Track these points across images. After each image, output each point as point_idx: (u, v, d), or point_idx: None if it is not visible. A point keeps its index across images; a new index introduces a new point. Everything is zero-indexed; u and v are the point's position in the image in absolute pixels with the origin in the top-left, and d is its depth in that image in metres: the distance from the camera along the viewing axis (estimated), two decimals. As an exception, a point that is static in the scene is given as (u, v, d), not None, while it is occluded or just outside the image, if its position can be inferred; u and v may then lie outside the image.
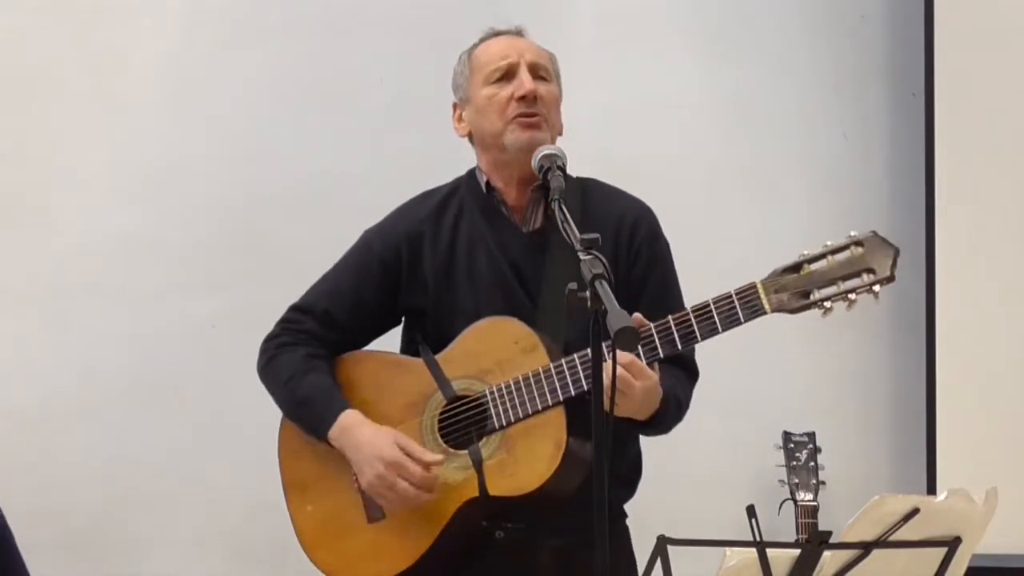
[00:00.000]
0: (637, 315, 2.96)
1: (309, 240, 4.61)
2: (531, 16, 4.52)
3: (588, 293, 2.59)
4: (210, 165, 4.70)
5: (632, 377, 2.96)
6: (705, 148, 4.88)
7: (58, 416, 4.57)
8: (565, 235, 2.87)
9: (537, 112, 3.19)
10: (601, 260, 2.65)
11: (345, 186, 4.70)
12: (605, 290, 2.58)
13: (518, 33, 3.33)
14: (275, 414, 3.36)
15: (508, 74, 3.22)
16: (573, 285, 2.62)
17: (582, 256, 2.67)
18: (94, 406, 4.59)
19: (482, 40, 3.34)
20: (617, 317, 2.51)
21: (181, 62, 4.71)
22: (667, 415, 3.12)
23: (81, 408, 4.59)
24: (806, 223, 4.88)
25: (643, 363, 2.99)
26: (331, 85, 4.75)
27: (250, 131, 4.71)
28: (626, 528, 3.31)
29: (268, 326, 3.42)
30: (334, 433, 3.20)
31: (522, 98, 3.19)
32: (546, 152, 3.12)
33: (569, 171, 3.16)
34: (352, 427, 3.20)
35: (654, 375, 3.01)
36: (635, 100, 4.80)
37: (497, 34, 3.33)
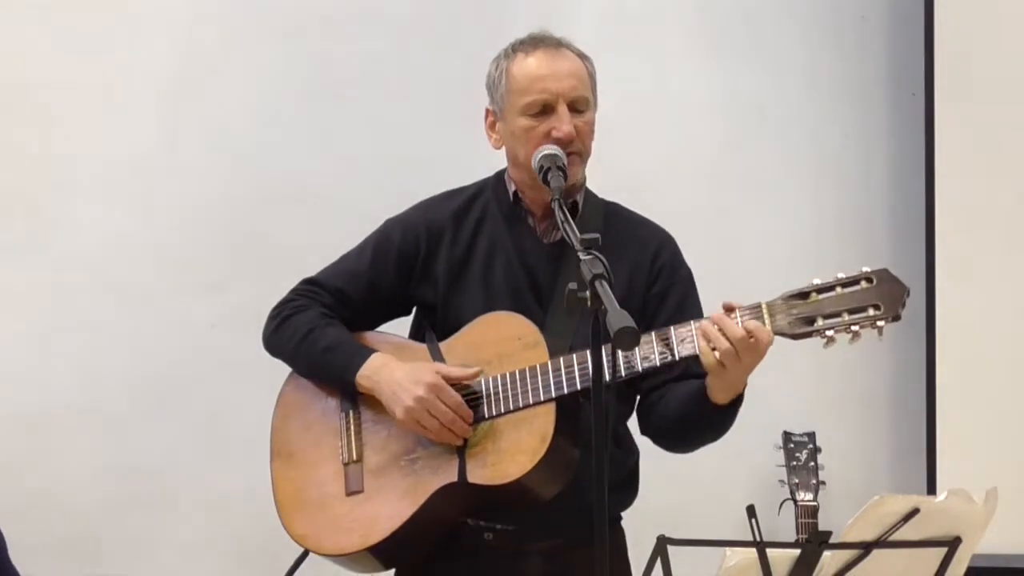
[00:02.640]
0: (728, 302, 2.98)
1: (309, 240, 4.61)
2: (532, 17, 4.53)
3: (588, 293, 2.59)
4: (210, 165, 4.70)
5: (752, 345, 2.93)
6: (705, 148, 4.88)
7: (58, 416, 4.57)
8: (565, 234, 2.87)
9: (573, 151, 3.17)
10: (601, 260, 2.65)
11: (345, 186, 4.70)
12: (605, 290, 2.58)
13: (559, 45, 3.25)
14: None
15: (546, 109, 3.17)
16: (573, 285, 2.62)
17: (582, 256, 2.68)
18: (94, 406, 4.59)
19: (520, 48, 3.25)
20: (617, 317, 2.51)
21: (181, 62, 4.71)
22: (739, 404, 3.09)
23: (81, 408, 4.59)
24: (807, 223, 4.89)
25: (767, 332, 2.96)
26: (331, 85, 4.75)
27: (250, 131, 4.71)
28: (621, 530, 3.30)
29: (268, 326, 3.42)
30: (365, 372, 3.20)
31: (559, 139, 3.17)
32: (546, 152, 3.12)
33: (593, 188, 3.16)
34: (386, 365, 3.19)
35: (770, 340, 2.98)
36: (636, 100, 4.80)
37: (536, 43, 3.24)
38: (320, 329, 3.28)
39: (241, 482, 4.52)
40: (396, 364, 3.19)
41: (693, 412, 3.10)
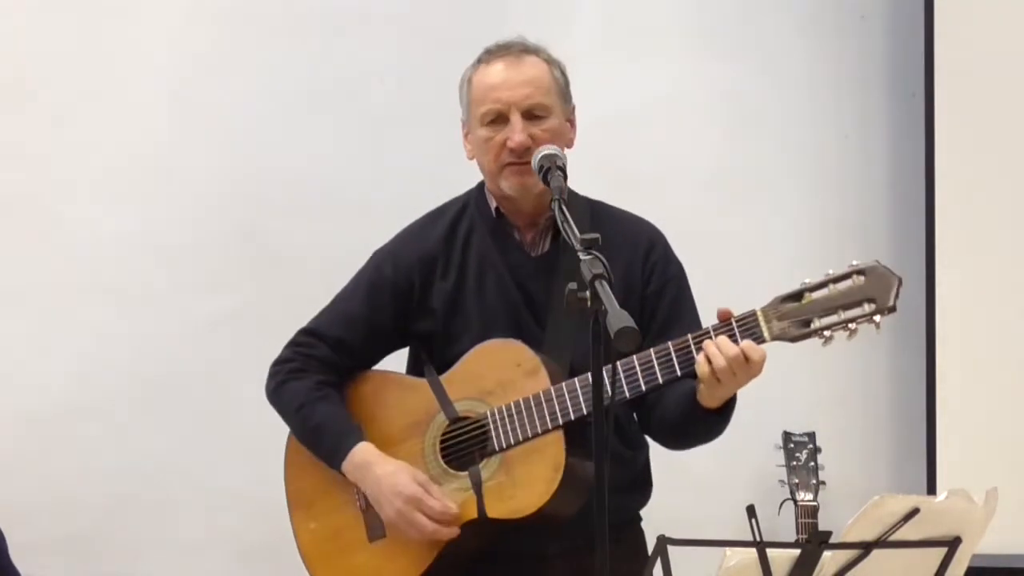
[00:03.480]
0: (723, 310, 2.99)
1: (309, 241, 4.61)
2: (532, 17, 4.54)
3: (588, 293, 2.59)
4: (210, 165, 4.70)
5: (744, 360, 2.94)
6: (705, 148, 4.88)
7: (58, 416, 4.57)
8: (565, 234, 2.86)
9: (526, 160, 3.14)
10: (601, 260, 2.64)
11: (345, 186, 4.70)
12: (605, 290, 2.57)
13: (523, 52, 3.23)
14: (276, 416, 3.36)
15: (500, 118, 3.17)
16: (573, 285, 2.61)
17: (582, 256, 2.67)
18: (94, 406, 4.59)
19: (484, 57, 3.25)
20: (617, 317, 2.50)
21: (181, 62, 4.71)
22: (733, 407, 3.10)
23: (81, 408, 4.59)
24: (806, 223, 4.89)
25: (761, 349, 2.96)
26: (331, 85, 4.75)
27: (250, 131, 4.71)
28: (640, 531, 3.31)
29: (268, 327, 3.42)
30: (347, 468, 3.21)
31: (512, 149, 3.16)
32: (546, 152, 3.10)
33: (571, 183, 3.15)
34: (367, 464, 3.20)
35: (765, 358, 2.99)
36: (635, 101, 4.80)
37: (500, 52, 3.23)
38: (310, 406, 3.27)
39: (241, 482, 4.52)
40: (375, 465, 3.19)
41: (688, 416, 3.11)
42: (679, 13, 4.90)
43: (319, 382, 3.29)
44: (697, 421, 3.10)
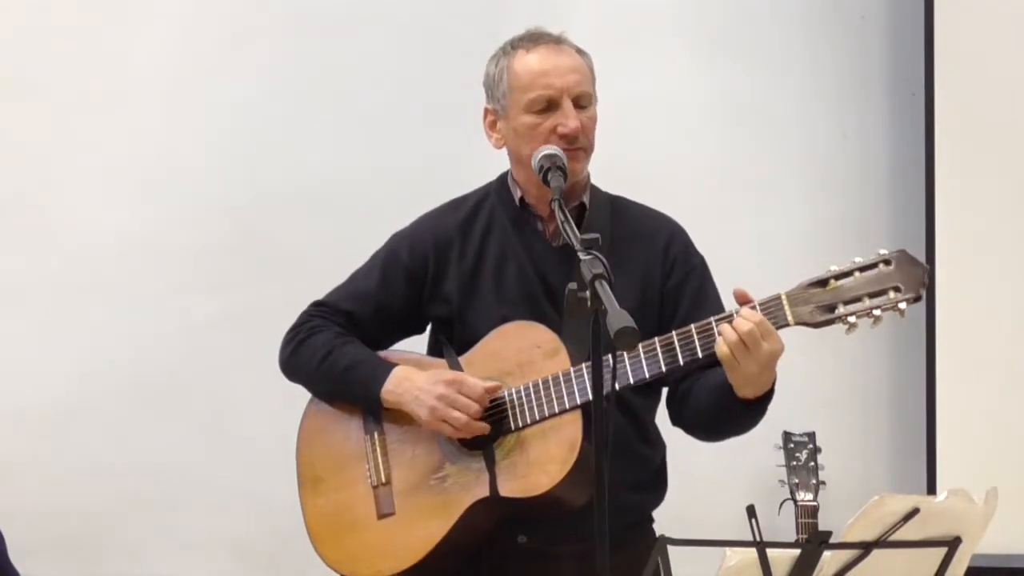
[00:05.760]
0: (740, 290, 2.99)
1: (309, 241, 4.61)
2: (531, 17, 4.53)
3: (588, 293, 2.59)
4: (210, 166, 4.70)
5: (760, 336, 2.93)
6: (705, 149, 4.88)
7: (58, 416, 4.58)
8: (565, 234, 2.87)
9: (579, 146, 3.16)
10: (601, 260, 2.65)
11: (345, 187, 4.70)
12: (605, 290, 2.58)
13: (558, 41, 3.24)
14: (275, 416, 3.36)
15: (550, 105, 3.16)
16: (573, 285, 2.62)
17: (582, 256, 2.67)
18: (94, 406, 4.60)
19: (520, 44, 3.24)
20: (617, 317, 2.51)
21: (181, 62, 4.71)
22: (769, 401, 3.08)
23: (81, 408, 4.59)
24: (806, 223, 4.89)
25: (772, 326, 2.94)
26: (331, 85, 4.75)
27: (250, 132, 4.71)
28: (652, 532, 3.30)
29: (268, 327, 3.42)
30: (389, 387, 3.18)
31: (565, 134, 3.15)
32: (546, 152, 3.11)
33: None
34: (408, 377, 3.18)
35: (782, 342, 2.96)
36: (635, 101, 4.80)
37: (536, 40, 3.23)
38: (339, 349, 3.26)
39: (241, 482, 4.52)
40: (417, 373, 3.18)
41: (722, 407, 3.10)
42: (678, 13, 4.90)
43: (340, 333, 3.29)
44: (731, 411, 3.09)
